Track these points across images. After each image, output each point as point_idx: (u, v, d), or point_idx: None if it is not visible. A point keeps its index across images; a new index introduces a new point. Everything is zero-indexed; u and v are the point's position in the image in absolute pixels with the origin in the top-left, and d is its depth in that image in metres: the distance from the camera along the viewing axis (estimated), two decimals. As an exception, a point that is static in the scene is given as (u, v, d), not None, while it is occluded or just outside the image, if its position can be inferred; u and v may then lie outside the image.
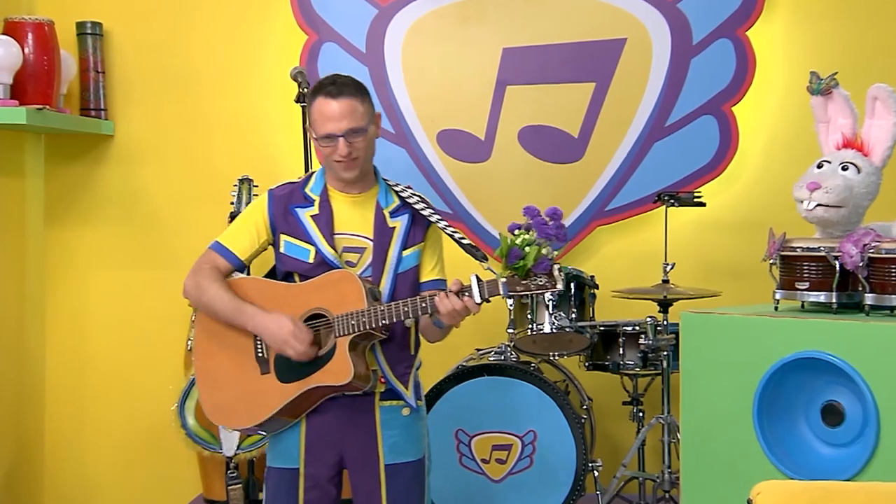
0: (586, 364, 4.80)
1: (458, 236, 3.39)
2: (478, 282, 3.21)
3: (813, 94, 3.65)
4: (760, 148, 5.16)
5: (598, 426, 5.00)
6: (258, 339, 3.39)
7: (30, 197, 5.15)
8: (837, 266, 3.35)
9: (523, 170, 5.21)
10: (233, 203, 4.72)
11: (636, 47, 5.15)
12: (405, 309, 3.24)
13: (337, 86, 3.35)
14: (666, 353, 4.52)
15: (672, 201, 4.60)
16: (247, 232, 3.48)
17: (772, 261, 3.54)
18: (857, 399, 3.20)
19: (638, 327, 4.65)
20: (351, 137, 3.32)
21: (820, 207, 3.47)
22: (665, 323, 4.56)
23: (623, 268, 5.13)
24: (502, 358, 4.69)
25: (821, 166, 3.55)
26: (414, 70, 5.23)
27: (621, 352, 4.68)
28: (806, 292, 3.45)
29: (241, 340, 3.41)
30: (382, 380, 3.41)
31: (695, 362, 3.60)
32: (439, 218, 3.45)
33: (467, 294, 3.21)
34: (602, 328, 4.70)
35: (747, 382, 3.38)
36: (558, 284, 3.19)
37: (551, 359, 4.80)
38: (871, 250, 3.28)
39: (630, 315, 4.81)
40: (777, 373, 3.33)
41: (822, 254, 3.39)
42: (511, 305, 4.64)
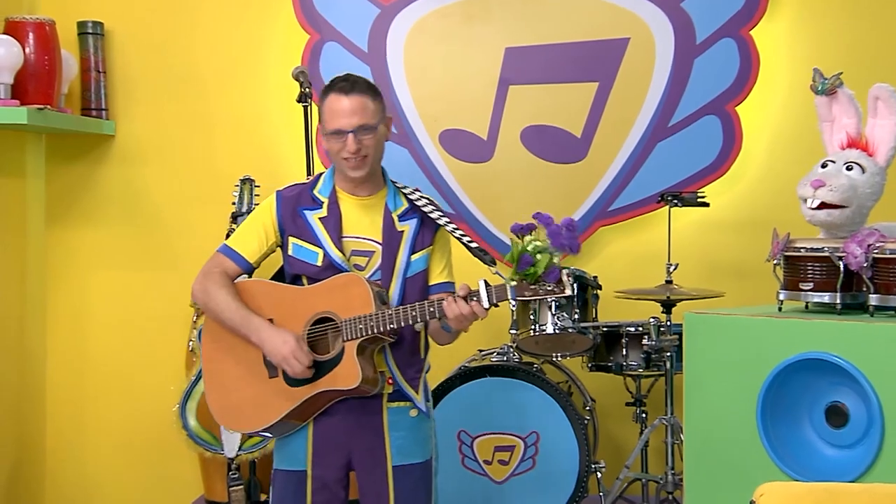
0: (589, 365, 4.80)
1: (467, 240, 3.38)
2: (486, 286, 3.19)
3: (817, 93, 3.64)
4: (764, 148, 5.15)
5: (601, 427, 4.99)
6: None
7: (31, 197, 5.15)
8: (841, 266, 3.34)
9: (526, 170, 5.20)
10: (234, 203, 4.72)
11: (639, 47, 5.14)
12: (413, 313, 3.23)
13: (349, 83, 3.37)
14: (669, 353, 4.52)
15: (675, 201, 4.60)
16: (255, 234, 3.46)
17: (776, 261, 3.53)
18: (862, 400, 3.20)
19: (641, 328, 4.64)
20: (361, 134, 3.32)
21: (823, 211, 3.47)
22: (668, 324, 4.55)
23: (626, 268, 5.12)
24: (505, 359, 4.68)
25: (825, 166, 3.54)
26: (416, 70, 5.22)
27: (624, 353, 4.67)
28: (810, 293, 3.44)
29: (249, 345, 3.39)
30: (390, 381, 3.40)
31: (698, 363, 3.60)
32: (448, 221, 3.44)
33: (475, 299, 3.19)
34: (605, 329, 4.69)
35: (751, 383, 3.38)
36: (567, 290, 3.18)
37: (554, 360, 4.78)
38: (876, 251, 3.28)
39: (633, 316, 4.80)
40: (781, 374, 3.32)
41: (826, 254, 3.38)
42: (514, 306, 4.61)
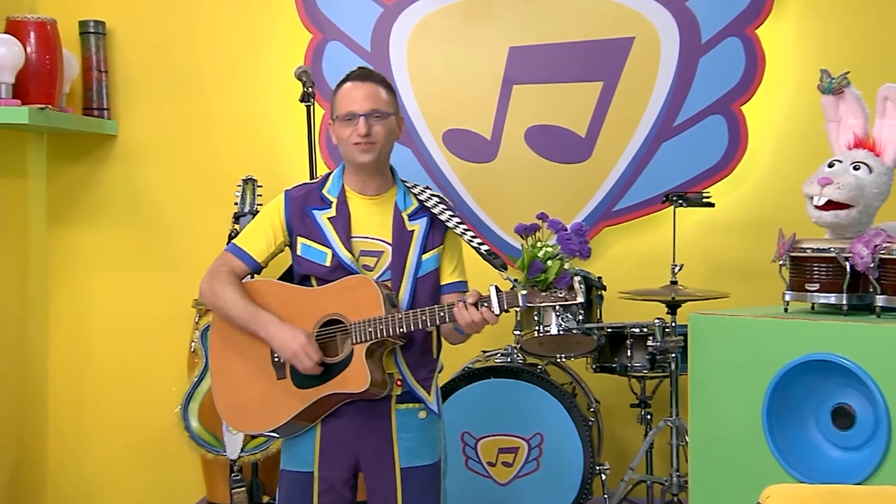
0: (593, 366, 4.79)
1: (478, 243, 3.35)
2: (497, 293, 3.17)
3: (824, 92, 3.62)
4: (770, 147, 5.13)
5: (606, 429, 4.98)
6: None
7: (32, 197, 5.15)
8: (848, 267, 3.33)
9: (530, 170, 5.19)
10: (237, 203, 4.71)
11: (644, 46, 5.12)
12: (423, 318, 3.21)
13: (366, 72, 3.43)
14: (674, 355, 4.52)
15: (680, 202, 4.59)
16: (263, 234, 3.44)
17: (781, 262, 3.53)
18: (868, 402, 3.18)
19: (646, 329, 4.63)
20: (372, 119, 3.32)
21: (830, 212, 3.45)
22: (673, 325, 4.55)
23: (631, 269, 5.11)
24: (509, 360, 4.68)
25: (832, 165, 3.53)
26: (419, 69, 5.22)
27: (629, 354, 4.67)
28: (816, 294, 3.43)
29: (257, 344, 3.38)
30: (399, 383, 3.38)
31: (703, 364, 3.59)
32: (458, 222, 3.41)
33: (486, 305, 3.17)
34: (609, 330, 4.68)
35: (756, 385, 3.36)
36: (579, 297, 3.14)
37: (558, 361, 4.78)
38: (883, 251, 3.27)
39: (638, 317, 4.80)
40: (787, 375, 3.31)
41: (833, 255, 3.37)
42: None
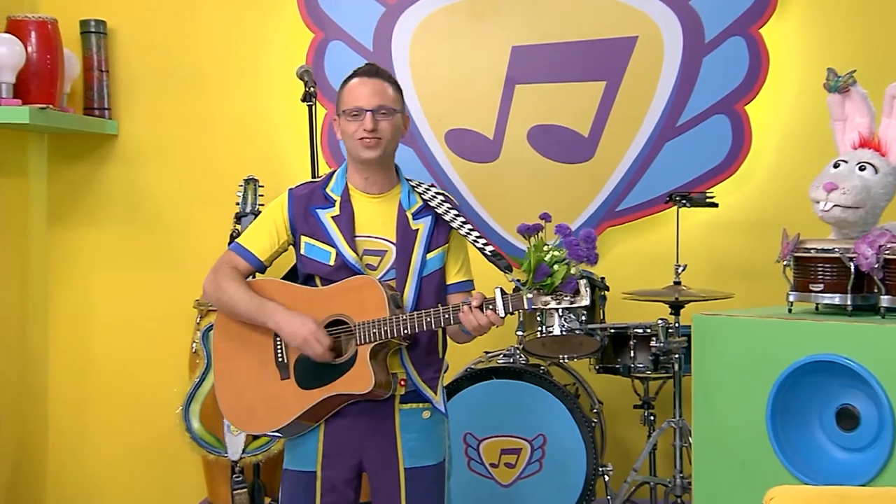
0: (596, 367, 4.78)
1: (482, 243, 3.34)
2: (502, 295, 3.16)
3: (830, 91, 3.62)
4: (774, 147, 5.11)
5: (609, 430, 4.97)
6: (278, 343, 3.37)
7: (33, 197, 5.15)
8: (852, 267, 3.33)
9: (533, 170, 5.17)
10: (238, 204, 4.70)
11: (647, 45, 5.11)
12: (428, 319, 3.21)
13: (374, 69, 3.45)
14: (678, 355, 4.50)
15: (684, 202, 4.57)
16: (266, 232, 3.44)
17: (785, 262, 3.53)
18: (873, 403, 3.18)
19: (649, 329, 4.62)
20: (379, 115, 3.32)
21: (837, 208, 3.43)
22: (677, 325, 4.53)
23: (634, 269, 5.09)
24: (511, 361, 4.66)
25: (837, 166, 3.52)
26: (421, 68, 5.20)
27: (632, 354, 4.66)
28: (820, 294, 3.43)
29: (261, 345, 3.38)
30: (402, 383, 3.37)
31: (707, 365, 3.59)
32: (462, 222, 3.40)
33: (491, 307, 3.16)
34: (612, 331, 4.67)
35: (760, 386, 3.36)
36: (585, 301, 3.14)
37: (561, 362, 4.77)
38: (887, 252, 3.27)
39: (641, 317, 4.78)
40: (791, 376, 3.30)
41: (837, 255, 3.37)
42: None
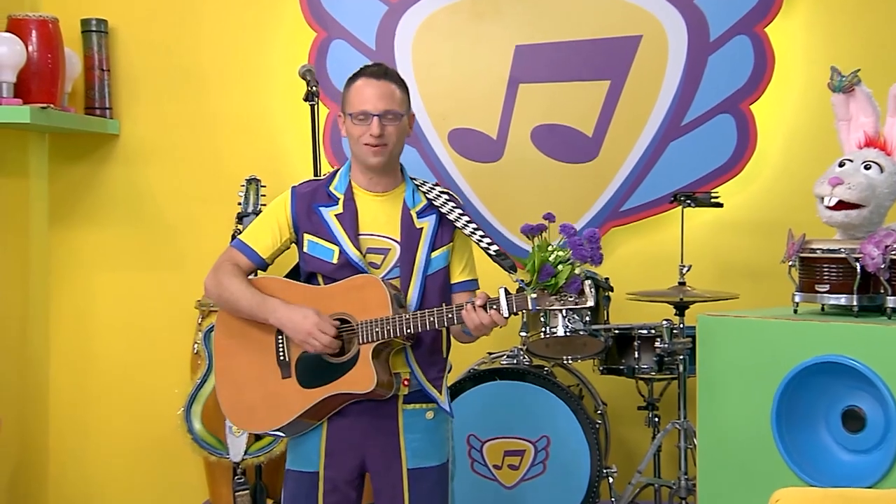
0: (601, 368, 4.79)
1: (487, 243, 3.33)
2: (506, 295, 3.15)
3: (834, 91, 3.61)
4: (779, 147, 5.10)
5: (613, 431, 4.96)
6: (279, 342, 3.36)
7: (34, 197, 5.14)
8: (858, 268, 3.31)
9: (536, 170, 5.16)
10: (240, 203, 4.69)
11: (652, 44, 5.10)
12: (431, 319, 3.20)
13: (382, 69, 3.41)
14: (682, 356, 4.50)
15: (688, 202, 4.57)
16: (269, 230, 3.43)
17: (791, 262, 3.52)
18: (879, 404, 3.16)
19: (654, 330, 4.63)
20: (386, 120, 3.32)
21: (841, 212, 3.43)
22: (681, 326, 4.53)
23: (638, 270, 5.09)
24: (515, 362, 4.65)
25: (842, 165, 3.51)
26: (424, 68, 5.19)
27: (636, 355, 4.67)
28: (826, 295, 3.41)
29: (262, 343, 3.37)
30: (406, 383, 3.36)
31: (712, 366, 3.57)
32: (467, 221, 3.39)
33: (494, 307, 3.15)
34: (617, 331, 4.68)
35: (766, 387, 3.34)
36: (589, 301, 3.13)
37: (565, 363, 4.77)
38: (894, 252, 3.25)
39: (645, 318, 4.79)
40: (796, 377, 3.29)
41: (843, 255, 3.36)
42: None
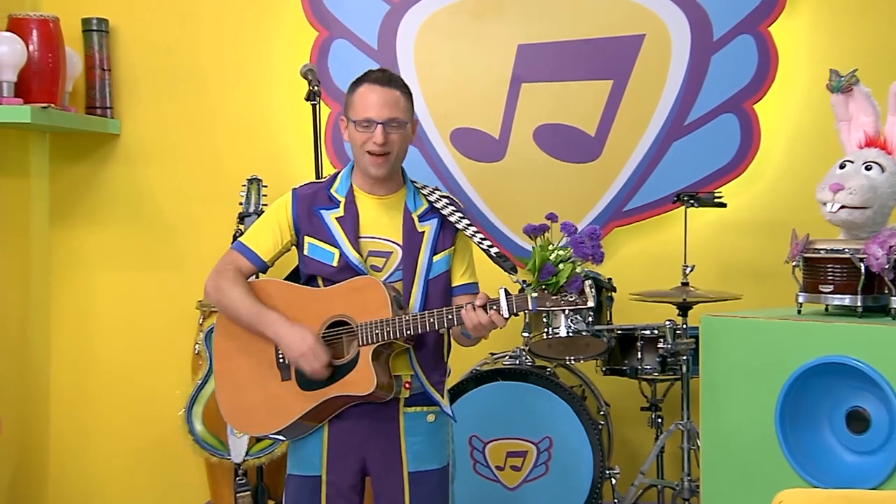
0: (603, 369, 4.78)
1: (487, 245, 3.33)
2: (506, 295, 3.15)
3: (833, 91, 3.61)
4: (783, 147, 5.09)
5: (616, 432, 4.96)
6: None
7: (34, 196, 5.14)
8: (862, 268, 3.31)
9: (539, 169, 5.15)
10: (241, 204, 4.70)
11: (655, 44, 5.09)
12: (431, 320, 3.19)
13: (386, 76, 3.40)
14: (685, 357, 4.51)
15: (692, 202, 4.57)
16: (270, 232, 3.42)
17: (794, 263, 3.51)
18: (883, 405, 3.16)
19: (657, 331, 4.63)
20: (390, 128, 3.31)
21: (844, 210, 3.41)
22: (684, 326, 4.52)
23: (641, 270, 5.08)
24: (517, 362, 4.64)
25: (843, 166, 3.50)
26: (426, 67, 5.19)
27: (639, 356, 4.66)
28: (830, 295, 3.41)
29: (262, 345, 3.37)
30: (407, 385, 3.36)
31: (715, 367, 3.57)
32: (467, 224, 3.39)
33: (494, 307, 3.14)
34: (619, 332, 4.68)
35: (769, 388, 3.34)
36: (590, 302, 3.14)
37: (567, 363, 4.77)
38: (898, 252, 3.24)
39: (648, 318, 4.79)
40: (800, 378, 3.28)
41: (847, 256, 3.36)
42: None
